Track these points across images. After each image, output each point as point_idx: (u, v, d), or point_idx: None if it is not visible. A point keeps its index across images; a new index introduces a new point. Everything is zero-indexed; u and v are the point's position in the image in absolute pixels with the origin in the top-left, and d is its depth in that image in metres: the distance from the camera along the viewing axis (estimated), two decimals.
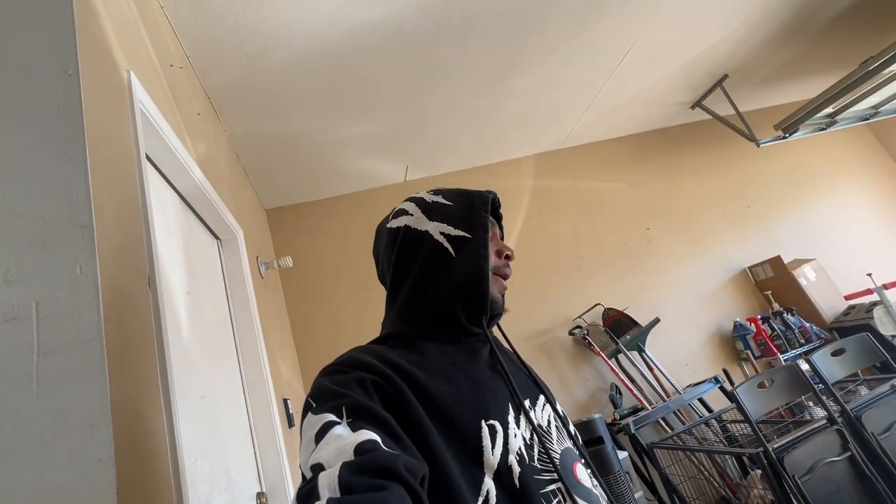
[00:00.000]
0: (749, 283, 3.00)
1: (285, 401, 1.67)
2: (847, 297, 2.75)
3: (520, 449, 0.55)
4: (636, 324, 2.62)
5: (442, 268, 0.64)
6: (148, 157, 1.03)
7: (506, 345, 0.74)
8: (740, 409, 1.73)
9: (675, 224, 3.09)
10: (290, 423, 1.65)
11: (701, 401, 2.47)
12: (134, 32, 1.05)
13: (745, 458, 2.18)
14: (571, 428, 0.66)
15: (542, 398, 0.65)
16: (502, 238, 0.76)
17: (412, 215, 0.70)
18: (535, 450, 0.57)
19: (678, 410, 2.43)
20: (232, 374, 1.37)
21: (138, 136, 0.87)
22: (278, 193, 2.63)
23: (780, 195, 3.28)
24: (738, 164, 3.31)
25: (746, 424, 2.19)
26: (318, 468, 0.43)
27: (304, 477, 0.46)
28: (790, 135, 2.75)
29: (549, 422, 0.63)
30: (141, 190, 0.84)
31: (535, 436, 0.58)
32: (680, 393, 2.45)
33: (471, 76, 2.15)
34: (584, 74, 2.43)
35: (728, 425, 2.32)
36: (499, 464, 0.53)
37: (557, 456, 0.59)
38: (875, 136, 3.68)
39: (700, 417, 2.39)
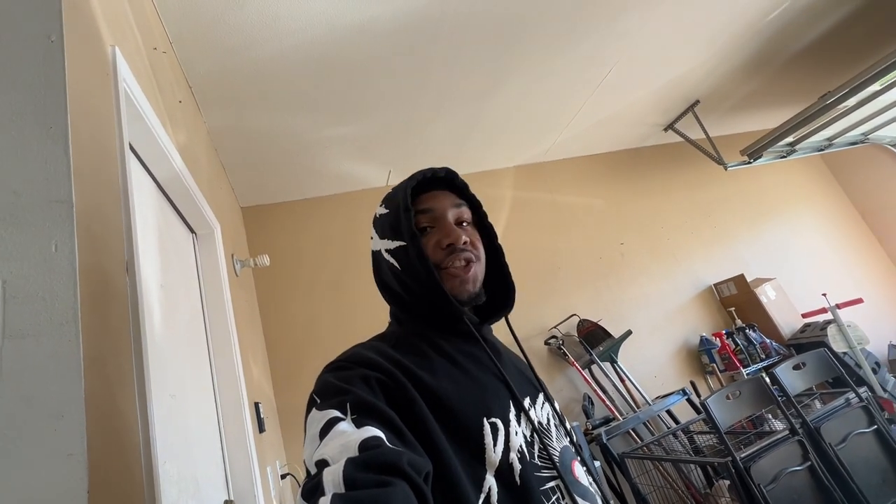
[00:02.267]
0: (714, 300, 3.13)
1: (256, 405, 1.59)
2: (804, 315, 2.90)
3: (521, 446, 0.55)
4: (609, 335, 2.67)
5: (401, 286, 0.65)
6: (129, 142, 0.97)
7: (511, 339, 0.73)
8: (710, 418, 1.78)
9: (647, 240, 3.19)
10: (261, 429, 1.57)
11: (669, 412, 2.53)
12: (118, 9, 1.00)
13: (709, 468, 2.24)
14: (568, 425, 0.67)
15: (541, 396, 0.65)
16: (477, 206, 0.70)
17: (372, 237, 0.71)
18: (536, 447, 0.57)
19: (647, 421, 2.48)
20: (203, 374, 1.30)
21: (121, 116, 0.82)
22: (256, 191, 2.56)
23: (743, 216, 3.45)
24: (706, 185, 3.47)
25: (711, 435, 2.27)
26: (322, 464, 0.43)
27: (308, 472, 0.45)
28: (754, 160, 2.91)
29: (548, 420, 0.63)
30: (122, 171, 0.79)
31: (535, 434, 0.58)
32: (650, 404, 2.50)
33: (457, 84, 2.17)
34: (566, 92, 2.50)
35: (695, 436, 2.38)
36: (500, 461, 0.53)
37: (557, 454, 0.59)
38: (827, 167, 3.94)
39: (668, 428, 2.45)
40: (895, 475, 1.83)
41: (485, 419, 0.55)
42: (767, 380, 1.99)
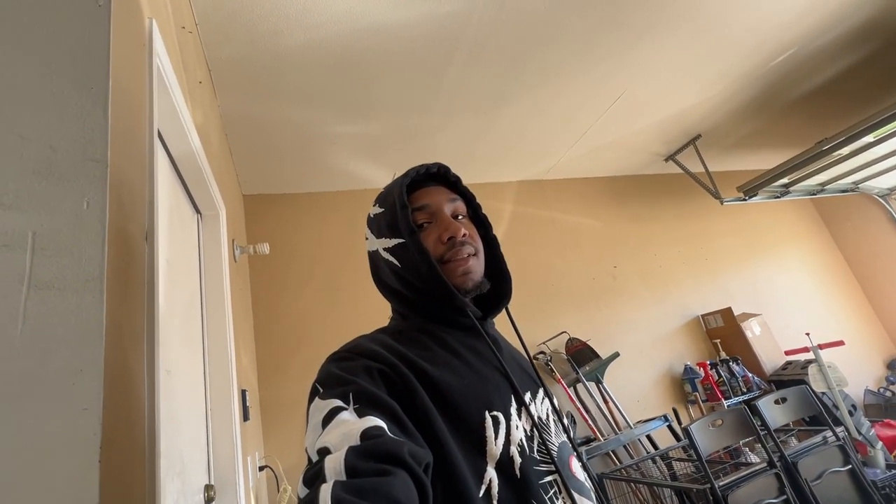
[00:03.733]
0: (701, 330, 3.18)
1: (243, 392, 1.58)
2: (787, 353, 2.96)
3: (521, 440, 0.56)
4: (597, 355, 2.69)
5: (402, 283, 0.65)
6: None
7: (512, 331, 0.74)
8: (692, 444, 1.80)
9: (640, 266, 3.24)
10: (246, 417, 1.55)
11: (649, 437, 2.55)
12: None
13: (685, 496, 2.25)
14: (566, 421, 0.68)
15: (541, 392, 0.67)
16: (471, 199, 0.72)
17: (367, 238, 0.72)
18: (535, 442, 0.58)
19: (627, 444, 2.50)
20: (196, 355, 1.28)
21: (153, 88, 0.83)
22: (259, 180, 2.55)
23: (734, 251, 3.53)
24: (701, 217, 3.55)
25: (689, 464, 2.29)
26: (324, 451, 0.44)
27: (309, 460, 0.46)
28: (750, 198, 3.00)
29: (547, 415, 0.64)
30: (149, 142, 0.79)
31: (535, 428, 0.59)
32: (631, 427, 2.52)
33: (470, 95, 2.21)
34: (575, 113, 2.56)
35: (673, 463, 2.40)
36: (501, 454, 0.54)
37: (555, 449, 0.60)
38: (818, 211, 4.06)
39: (647, 453, 2.46)
40: None
41: (486, 412, 0.55)
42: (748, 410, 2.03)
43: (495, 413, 0.56)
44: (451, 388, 0.55)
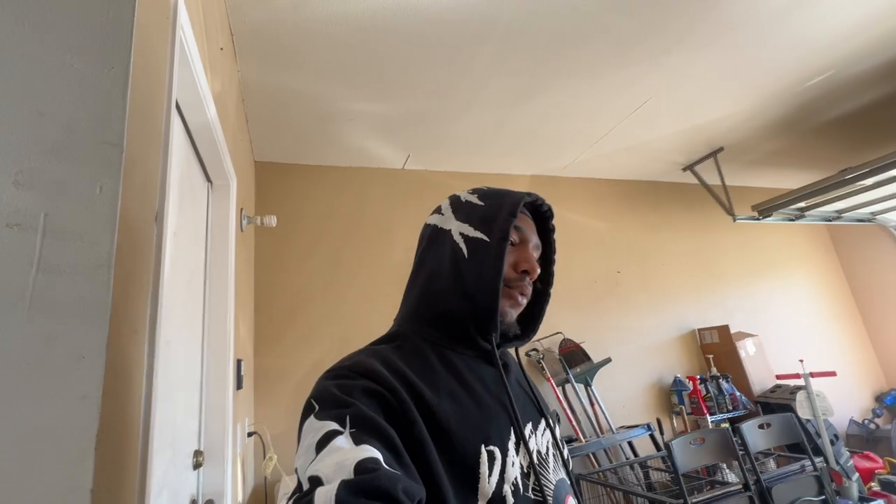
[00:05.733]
0: (695, 344, 3.19)
1: (239, 362, 1.61)
2: (778, 377, 2.97)
3: (515, 478, 0.55)
4: (589, 359, 2.72)
5: (454, 272, 0.62)
6: None
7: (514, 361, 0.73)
8: (670, 460, 1.84)
9: (644, 273, 3.23)
10: (239, 385, 1.59)
11: (630, 443, 2.59)
12: None
13: None
14: (566, 452, 0.66)
15: (542, 423, 0.65)
16: (550, 251, 0.72)
17: (443, 214, 0.68)
18: (531, 479, 0.57)
19: (608, 448, 2.54)
20: (195, 325, 1.30)
21: (174, 65, 0.82)
22: (272, 147, 2.53)
23: (740, 269, 3.51)
24: (711, 231, 3.51)
25: (666, 473, 2.33)
26: (316, 481, 0.42)
27: (300, 484, 0.45)
28: (764, 218, 2.95)
29: (547, 448, 0.63)
30: (166, 121, 0.78)
31: (532, 465, 0.58)
32: (614, 432, 2.56)
33: (493, 85, 2.16)
34: (598, 113, 2.50)
35: (650, 471, 2.45)
36: (493, 492, 0.52)
37: (551, 488, 0.59)
38: (830, 237, 4.00)
39: (627, 459, 2.51)
40: None
41: (482, 446, 0.54)
42: (731, 431, 2.06)
43: (491, 448, 0.54)
44: (448, 418, 0.53)
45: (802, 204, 2.94)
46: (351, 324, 2.42)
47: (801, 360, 2.75)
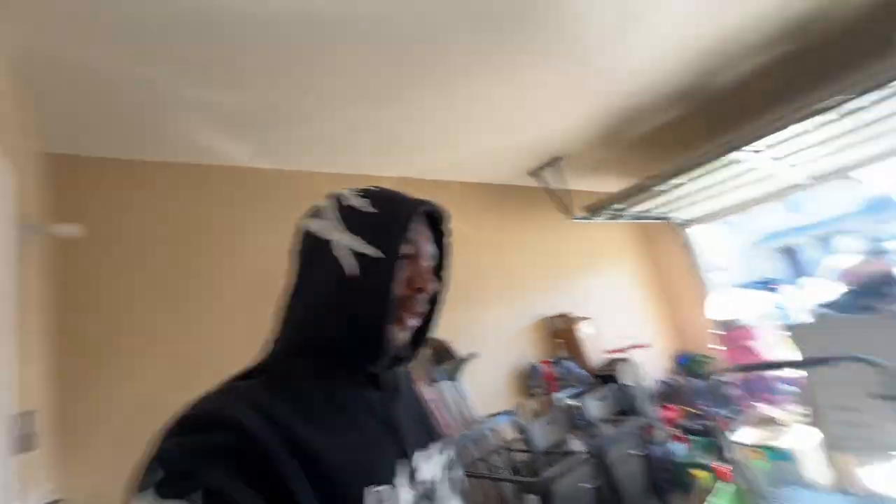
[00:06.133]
0: (546, 330, 3.57)
1: (25, 415, 1.23)
2: (608, 352, 3.49)
3: None
4: (455, 355, 2.81)
5: (338, 294, 0.56)
6: None
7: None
8: (528, 441, 2.00)
9: (500, 270, 3.50)
10: (28, 446, 1.22)
11: (496, 430, 2.76)
12: None
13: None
14: (459, 472, 0.65)
15: (434, 446, 0.63)
16: (442, 263, 0.68)
17: (323, 219, 0.60)
18: None
19: (478, 438, 2.67)
20: None
21: None
22: (75, 137, 2.03)
23: (578, 262, 4.06)
24: (555, 230, 3.97)
25: (530, 454, 2.55)
26: None
27: None
28: (594, 217, 3.44)
29: (439, 474, 0.61)
30: None
31: (424, 496, 0.56)
32: (480, 423, 2.70)
33: (354, 84, 2.08)
34: (452, 119, 2.62)
35: (515, 454, 2.64)
36: None
37: None
38: (642, 234, 4.88)
39: (495, 445, 2.66)
40: (651, 485, 2.31)
41: (366, 489, 0.49)
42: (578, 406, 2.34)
43: (377, 489, 0.50)
44: (327, 458, 0.47)
45: (620, 205, 3.51)
46: (192, 349, 2.07)
47: (624, 337, 3.27)
